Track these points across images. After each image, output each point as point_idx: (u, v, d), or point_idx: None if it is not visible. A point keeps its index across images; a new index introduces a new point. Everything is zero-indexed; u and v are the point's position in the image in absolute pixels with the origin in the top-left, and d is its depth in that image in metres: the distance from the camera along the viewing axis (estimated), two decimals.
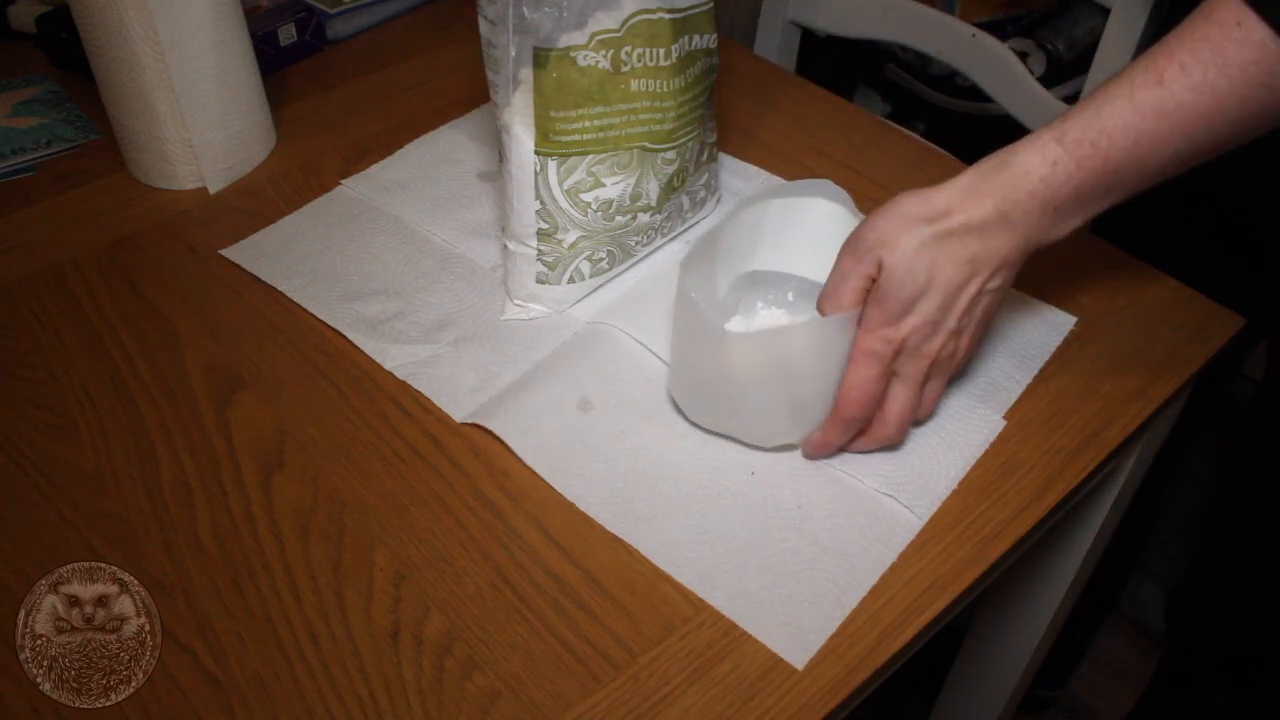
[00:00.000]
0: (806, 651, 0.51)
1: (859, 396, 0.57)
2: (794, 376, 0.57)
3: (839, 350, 0.57)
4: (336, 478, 0.60)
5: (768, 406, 0.58)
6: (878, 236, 0.55)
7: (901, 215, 0.55)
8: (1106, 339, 0.67)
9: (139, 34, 0.71)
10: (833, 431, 0.58)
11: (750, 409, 0.59)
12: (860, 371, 0.57)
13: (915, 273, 0.54)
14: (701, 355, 0.59)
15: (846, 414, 0.57)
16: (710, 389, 0.59)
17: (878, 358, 0.56)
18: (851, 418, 0.57)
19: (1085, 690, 1.30)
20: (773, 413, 0.58)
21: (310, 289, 0.71)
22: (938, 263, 0.54)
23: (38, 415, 0.63)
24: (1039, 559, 0.85)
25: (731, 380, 0.57)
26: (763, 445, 0.60)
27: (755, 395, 0.57)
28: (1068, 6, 1.32)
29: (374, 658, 0.52)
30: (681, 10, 0.63)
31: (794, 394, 0.57)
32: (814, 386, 0.57)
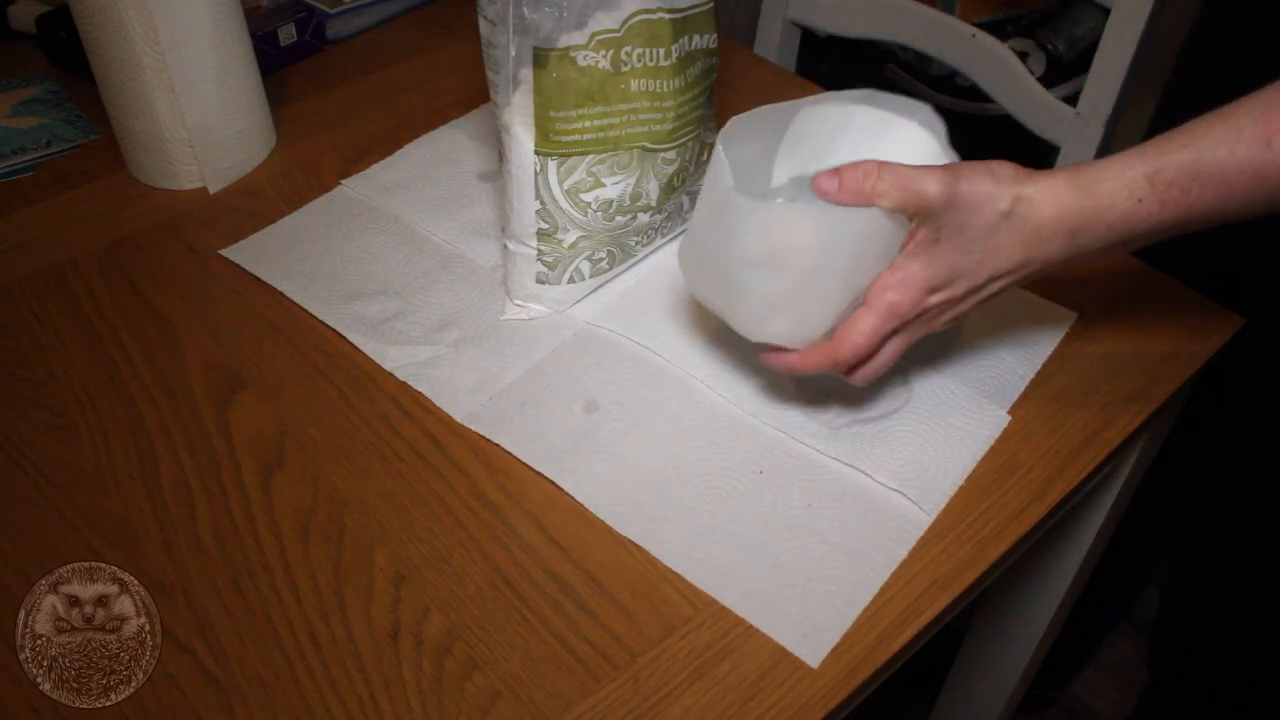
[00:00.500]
0: (820, 650, 0.52)
1: (866, 346, 0.55)
2: (791, 265, 0.54)
3: (846, 250, 0.53)
4: (336, 478, 0.60)
5: (758, 290, 0.55)
6: (971, 188, 0.52)
7: (994, 175, 0.53)
8: (1106, 339, 0.67)
9: (139, 34, 0.71)
10: (815, 362, 0.56)
11: (740, 288, 0.56)
12: (878, 324, 0.55)
13: (976, 246, 0.53)
14: (710, 215, 0.56)
15: (841, 356, 0.55)
16: (711, 256, 0.57)
17: (900, 318, 0.55)
18: (844, 362, 0.56)
19: (1085, 690, 1.30)
20: (762, 299, 0.55)
21: (310, 289, 0.71)
22: (998, 247, 0.53)
23: (38, 415, 0.63)
24: (1039, 559, 0.85)
25: (729, 251, 0.55)
26: (746, 335, 0.58)
27: (747, 274, 0.55)
28: (1068, 6, 1.32)
29: (374, 658, 0.52)
30: (681, 10, 0.63)
31: (786, 285, 0.54)
32: (810, 282, 0.54)
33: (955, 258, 0.53)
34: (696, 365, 0.65)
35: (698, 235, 0.59)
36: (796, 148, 0.61)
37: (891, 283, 0.54)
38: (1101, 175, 0.52)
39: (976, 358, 0.66)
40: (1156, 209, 0.52)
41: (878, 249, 0.54)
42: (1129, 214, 0.52)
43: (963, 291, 0.55)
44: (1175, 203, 0.51)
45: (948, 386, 0.64)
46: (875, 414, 0.62)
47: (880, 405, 0.63)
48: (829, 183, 0.53)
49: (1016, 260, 0.54)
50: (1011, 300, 0.69)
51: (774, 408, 0.63)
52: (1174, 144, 0.51)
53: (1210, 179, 0.50)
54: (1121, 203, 0.52)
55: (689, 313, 0.69)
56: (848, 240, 0.53)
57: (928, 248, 0.54)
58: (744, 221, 0.54)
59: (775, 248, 0.54)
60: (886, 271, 0.55)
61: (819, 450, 0.60)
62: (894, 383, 0.64)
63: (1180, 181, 0.51)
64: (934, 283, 0.54)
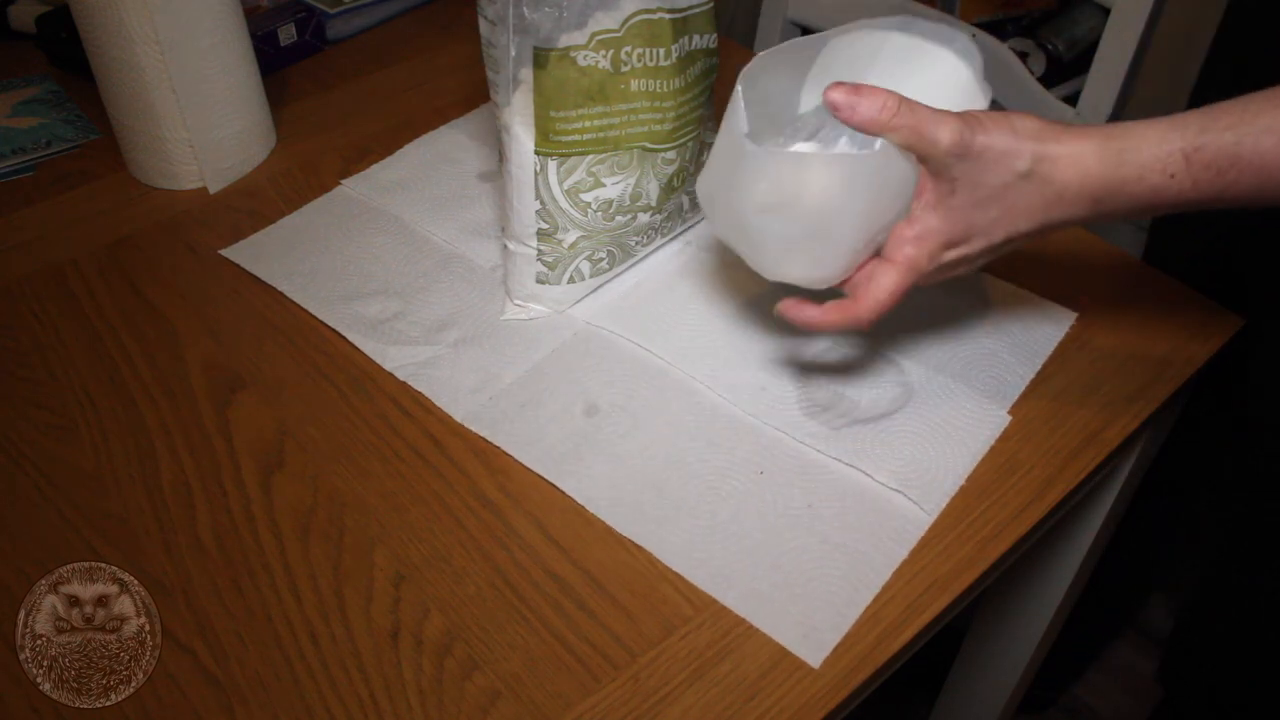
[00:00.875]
0: (821, 650, 0.51)
1: (887, 303, 0.54)
2: (804, 211, 0.53)
3: (860, 195, 0.52)
4: (336, 478, 0.60)
5: (773, 235, 0.54)
6: (987, 142, 0.50)
7: (1015, 130, 0.51)
8: (1106, 339, 0.67)
9: (139, 34, 0.71)
10: (835, 320, 0.55)
11: (756, 233, 0.55)
12: (899, 280, 0.53)
13: (993, 204, 0.52)
14: (726, 158, 0.55)
15: (862, 314, 0.54)
16: (727, 199, 0.56)
17: (919, 272, 0.54)
18: (865, 321, 0.54)
19: (1086, 690, 1.30)
20: (777, 243, 0.55)
21: (310, 289, 0.71)
22: (1017, 206, 0.52)
23: (38, 415, 0.63)
24: (1039, 559, 0.85)
25: (743, 196, 0.54)
26: (765, 276, 0.58)
27: (762, 220, 0.54)
28: (1068, 6, 1.32)
29: (374, 658, 0.52)
30: (681, 10, 0.63)
31: (801, 230, 0.53)
32: (825, 227, 0.53)
33: (971, 214, 0.52)
34: (696, 366, 0.65)
35: (715, 176, 0.57)
36: (825, 77, 0.59)
37: (909, 236, 0.53)
38: (1136, 144, 0.50)
39: (976, 358, 0.66)
40: (1188, 187, 0.50)
41: (893, 192, 0.53)
42: (1158, 188, 0.50)
43: (979, 249, 0.54)
44: (1209, 184, 0.49)
45: (948, 386, 0.64)
46: (875, 414, 0.62)
47: (880, 405, 0.63)
48: (845, 99, 0.51)
49: (1036, 221, 0.52)
50: (1011, 300, 0.70)
51: (774, 408, 0.63)
52: (1220, 122, 0.49)
53: (1250, 166, 0.48)
54: (1152, 176, 0.50)
55: (689, 313, 0.69)
56: (862, 185, 0.52)
57: (944, 199, 0.52)
58: (756, 168, 0.53)
59: (788, 195, 0.52)
60: (904, 224, 0.54)
61: (819, 450, 0.60)
62: (894, 383, 0.64)
63: (1219, 164, 0.49)
64: (951, 238, 0.53)
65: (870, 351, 0.66)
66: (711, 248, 0.73)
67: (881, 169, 0.51)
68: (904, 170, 0.52)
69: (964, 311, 0.69)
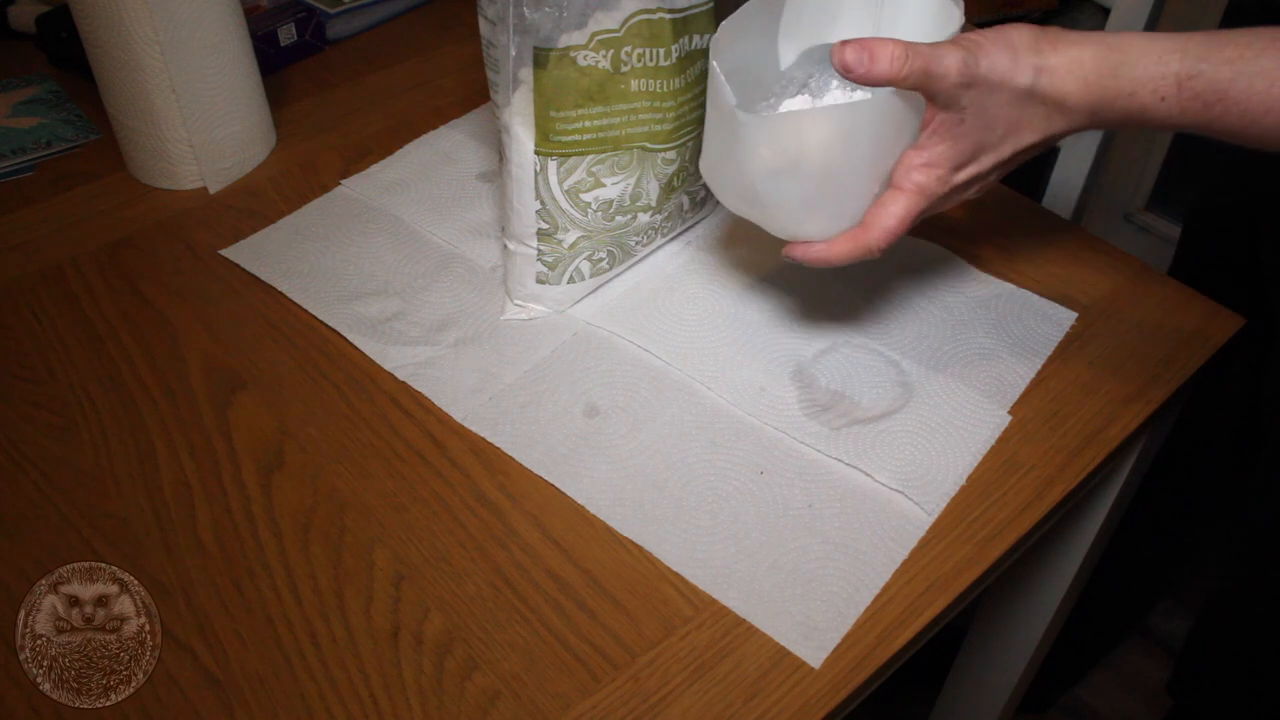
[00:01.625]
0: (822, 650, 0.51)
1: (897, 229, 0.53)
2: (812, 167, 0.52)
3: (865, 141, 0.52)
4: (336, 478, 0.60)
5: (785, 197, 0.54)
6: (990, 65, 0.50)
7: (1012, 47, 0.51)
8: (1106, 339, 0.67)
9: (139, 34, 0.71)
10: (845, 250, 0.55)
11: (767, 198, 0.55)
12: (909, 206, 0.53)
13: (999, 123, 0.52)
14: (720, 133, 0.55)
15: (873, 242, 0.54)
16: (731, 172, 0.56)
17: (930, 196, 0.53)
18: (876, 248, 0.54)
19: (1086, 691, 1.30)
20: (791, 204, 0.54)
21: (310, 289, 0.71)
22: (1021, 122, 0.52)
23: (38, 415, 0.63)
24: (1039, 559, 0.85)
25: (747, 165, 0.53)
26: (783, 237, 0.57)
27: (771, 184, 0.54)
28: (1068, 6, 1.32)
29: (374, 658, 0.52)
30: (681, 10, 0.63)
31: (812, 186, 0.53)
32: (836, 179, 0.53)
33: (980, 135, 0.52)
34: (697, 366, 0.65)
35: (714, 152, 0.57)
36: (797, 26, 0.59)
37: (918, 163, 0.53)
38: (1133, 58, 0.50)
39: (976, 358, 0.66)
40: (1176, 112, 0.50)
41: (896, 130, 0.53)
42: (1148, 108, 0.50)
43: (989, 166, 0.54)
44: (1196, 114, 0.49)
45: (948, 386, 0.64)
46: (876, 414, 0.62)
47: (880, 405, 0.63)
48: (855, 57, 0.50)
49: (1040, 132, 0.53)
50: (1011, 300, 0.70)
51: (774, 408, 0.63)
52: (1222, 54, 0.49)
53: (1237, 105, 0.48)
54: (1144, 96, 0.50)
55: (689, 313, 0.69)
56: (865, 131, 0.52)
57: (952, 128, 0.52)
58: (754, 136, 0.53)
59: (792, 155, 0.52)
60: (912, 151, 0.53)
61: (820, 450, 0.60)
62: (894, 383, 0.64)
63: (1206, 97, 0.49)
64: (960, 160, 0.53)
65: (870, 351, 0.66)
66: (712, 248, 0.73)
67: (881, 109, 0.51)
68: (903, 106, 0.52)
69: (964, 311, 0.69)
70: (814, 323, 0.68)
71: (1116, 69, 0.50)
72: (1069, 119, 0.52)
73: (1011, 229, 0.75)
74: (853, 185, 0.54)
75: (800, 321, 0.68)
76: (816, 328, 0.67)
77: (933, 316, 0.68)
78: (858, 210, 0.55)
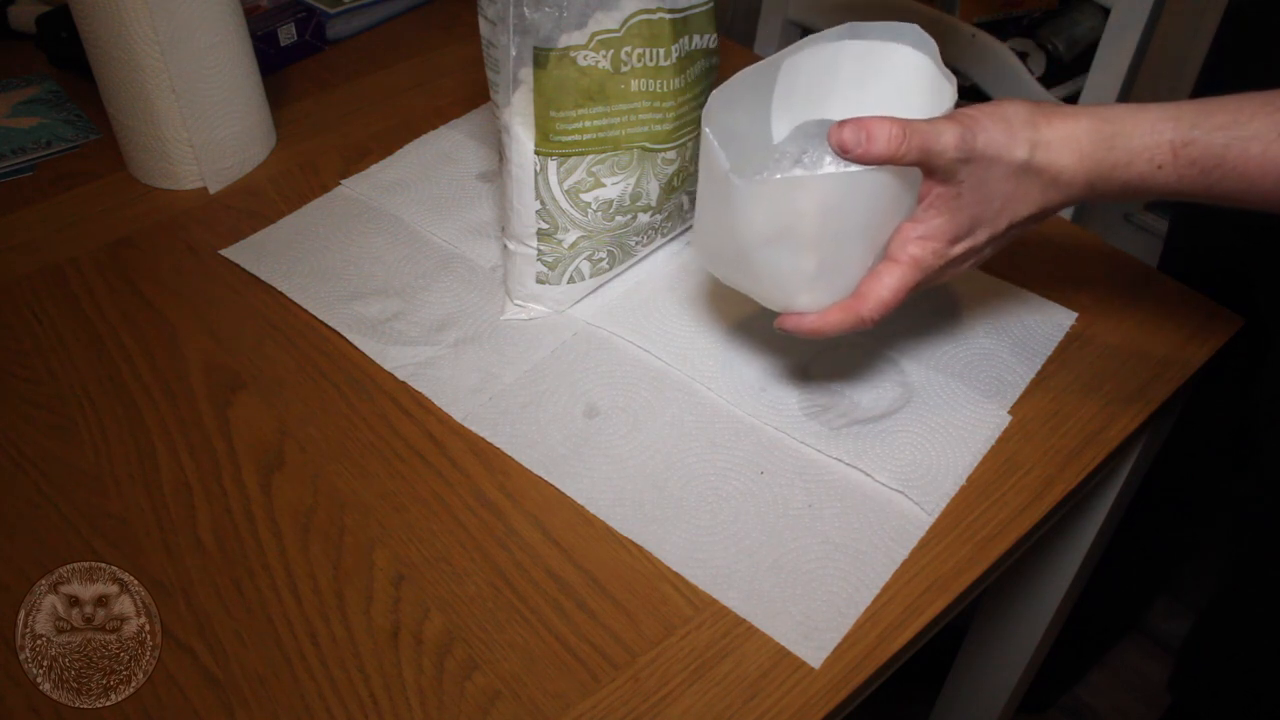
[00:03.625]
0: (822, 650, 0.51)
1: (892, 302, 0.54)
2: (807, 235, 0.52)
3: (860, 210, 0.52)
4: (336, 478, 0.60)
5: (779, 266, 0.54)
6: (988, 140, 0.51)
7: (1008, 121, 0.51)
8: (1106, 339, 0.67)
9: (139, 34, 0.71)
10: (837, 321, 0.55)
11: (761, 267, 0.54)
12: (904, 279, 0.53)
13: (996, 197, 0.52)
14: (714, 200, 0.54)
15: (867, 313, 0.54)
16: (724, 240, 0.55)
17: (925, 270, 0.54)
18: (870, 320, 0.54)
19: (1086, 691, 1.30)
20: (785, 273, 0.54)
21: (310, 289, 0.71)
22: (1018, 195, 0.52)
23: (38, 415, 0.63)
24: (1039, 559, 0.85)
25: (741, 233, 0.53)
26: (775, 309, 0.57)
27: (764, 253, 0.53)
28: (1068, 6, 1.32)
29: (374, 658, 0.52)
30: (681, 10, 0.63)
31: (806, 256, 0.53)
32: (831, 248, 0.52)
33: (977, 209, 0.53)
34: (697, 366, 0.65)
35: (706, 220, 0.57)
36: (790, 99, 0.59)
37: (914, 236, 0.53)
38: (1127, 129, 0.51)
39: (976, 358, 0.66)
40: (1174, 180, 0.50)
41: (892, 202, 0.53)
42: (1146, 176, 0.51)
43: (984, 240, 0.54)
44: (1193, 181, 0.50)
45: (948, 386, 0.64)
46: (876, 414, 0.62)
47: (881, 405, 0.63)
48: (853, 137, 0.51)
49: (1036, 205, 0.53)
50: (1011, 300, 0.70)
51: (774, 409, 0.63)
52: (1214, 120, 0.49)
53: (1234, 170, 0.49)
54: (1141, 165, 0.50)
55: (689, 313, 0.69)
56: (861, 201, 0.52)
57: (949, 201, 0.53)
58: (749, 202, 0.53)
59: (787, 222, 0.52)
60: (908, 224, 0.54)
61: (820, 450, 0.60)
62: (894, 383, 0.64)
63: (1204, 163, 0.49)
64: (957, 234, 0.53)
65: (870, 352, 0.66)
66: None
67: (878, 181, 0.51)
68: (900, 178, 0.52)
69: (964, 311, 0.69)
70: None
71: (1111, 140, 0.51)
72: (1065, 192, 0.52)
73: None
74: (847, 256, 0.54)
75: None
76: None
77: (932, 316, 0.68)
78: (851, 282, 0.55)
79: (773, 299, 0.57)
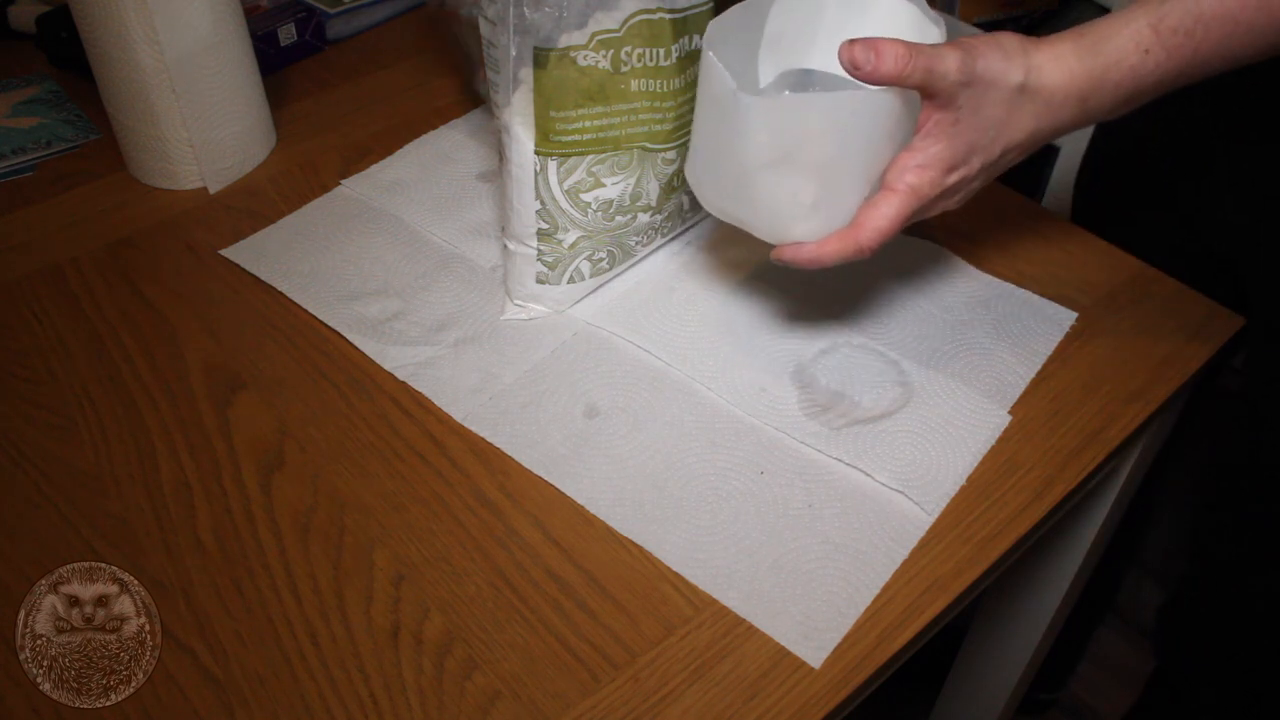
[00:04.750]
0: (822, 650, 0.51)
1: (889, 230, 0.54)
2: (809, 158, 0.52)
3: (864, 134, 0.52)
4: (336, 478, 0.60)
5: (779, 190, 0.54)
6: (986, 65, 0.52)
7: (1004, 48, 0.52)
8: (1106, 339, 0.67)
9: (139, 34, 0.71)
10: (836, 250, 0.55)
11: (760, 192, 0.54)
12: (901, 208, 0.54)
13: (991, 122, 0.53)
14: (715, 124, 0.54)
15: (865, 242, 0.54)
16: (723, 165, 0.55)
17: (922, 198, 0.54)
18: (868, 249, 0.54)
19: (1086, 691, 1.30)
20: (784, 198, 0.54)
21: (310, 289, 0.71)
22: (1011, 122, 0.53)
23: (38, 415, 0.63)
24: (1039, 559, 0.85)
25: (743, 155, 0.53)
26: (770, 240, 0.57)
27: (765, 176, 0.53)
28: (1068, 6, 1.32)
29: (374, 658, 0.52)
30: (682, 10, 0.63)
31: (807, 179, 0.53)
32: (831, 173, 0.53)
33: (973, 135, 0.53)
34: (697, 366, 0.65)
35: (704, 148, 0.57)
36: (778, 44, 0.60)
37: (911, 164, 0.54)
38: (1106, 33, 0.52)
39: (976, 358, 0.66)
40: (1164, 58, 0.51)
41: (893, 128, 0.53)
42: (1137, 67, 0.52)
43: (979, 167, 0.55)
44: (1181, 49, 0.51)
45: (948, 386, 0.64)
46: (876, 414, 0.62)
47: (880, 405, 0.63)
48: (863, 54, 0.51)
49: (1029, 131, 0.54)
50: (1011, 300, 0.70)
51: (775, 409, 0.63)
52: None
53: (1215, 18, 0.50)
54: (1129, 57, 0.52)
55: (689, 313, 0.69)
56: (865, 123, 0.52)
57: (946, 128, 0.53)
58: (754, 121, 0.52)
59: (791, 142, 0.52)
60: (905, 153, 0.54)
61: (820, 450, 0.60)
62: (894, 383, 0.64)
63: (1185, 26, 0.50)
64: (953, 161, 0.54)
65: (870, 352, 0.66)
66: (712, 248, 0.73)
67: (881, 104, 0.52)
68: (901, 104, 0.52)
69: (964, 312, 0.69)
70: (814, 323, 0.68)
71: (1096, 46, 0.52)
72: (1056, 114, 0.53)
73: (1011, 229, 0.75)
74: (846, 184, 0.54)
75: (800, 321, 0.68)
76: (816, 328, 0.67)
77: (933, 316, 0.68)
78: (848, 212, 0.55)
79: (769, 229, 0.57)
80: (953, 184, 0.55)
